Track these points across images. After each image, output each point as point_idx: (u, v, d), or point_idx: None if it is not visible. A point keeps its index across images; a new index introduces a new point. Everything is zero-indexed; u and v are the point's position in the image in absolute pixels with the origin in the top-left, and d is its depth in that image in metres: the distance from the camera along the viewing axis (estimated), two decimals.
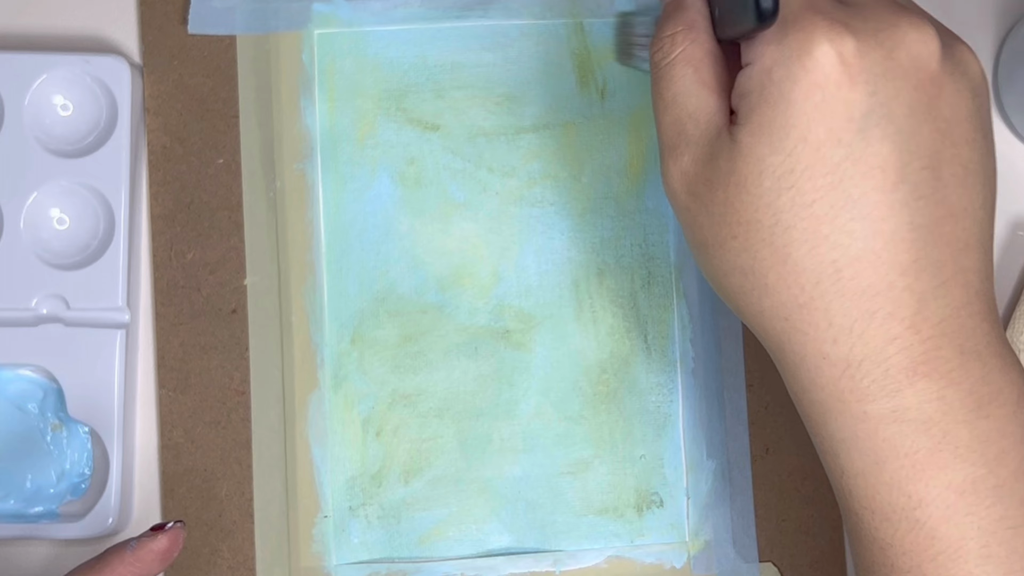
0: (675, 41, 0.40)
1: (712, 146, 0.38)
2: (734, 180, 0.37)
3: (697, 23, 0.40)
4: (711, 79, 0.39)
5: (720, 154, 0.37)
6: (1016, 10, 0.53)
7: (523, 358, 0.51)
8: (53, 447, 0.50)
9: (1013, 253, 0.52)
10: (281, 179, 0.50)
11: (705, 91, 0.39)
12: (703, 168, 0.38)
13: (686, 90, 0.39)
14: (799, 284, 0.37)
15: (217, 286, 0.50)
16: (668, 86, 0.39)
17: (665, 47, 0.40)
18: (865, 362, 0.37)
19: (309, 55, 0.51)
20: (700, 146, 0.38)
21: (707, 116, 0.39)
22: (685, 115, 0.39)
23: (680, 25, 0.40)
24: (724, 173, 0.37)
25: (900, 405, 0.37)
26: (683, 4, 0.40)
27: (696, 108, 0.39)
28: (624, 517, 0.50)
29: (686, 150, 0.39)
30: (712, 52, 0.39)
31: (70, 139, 0.50)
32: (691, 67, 0.39)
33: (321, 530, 0.50)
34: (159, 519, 0.50)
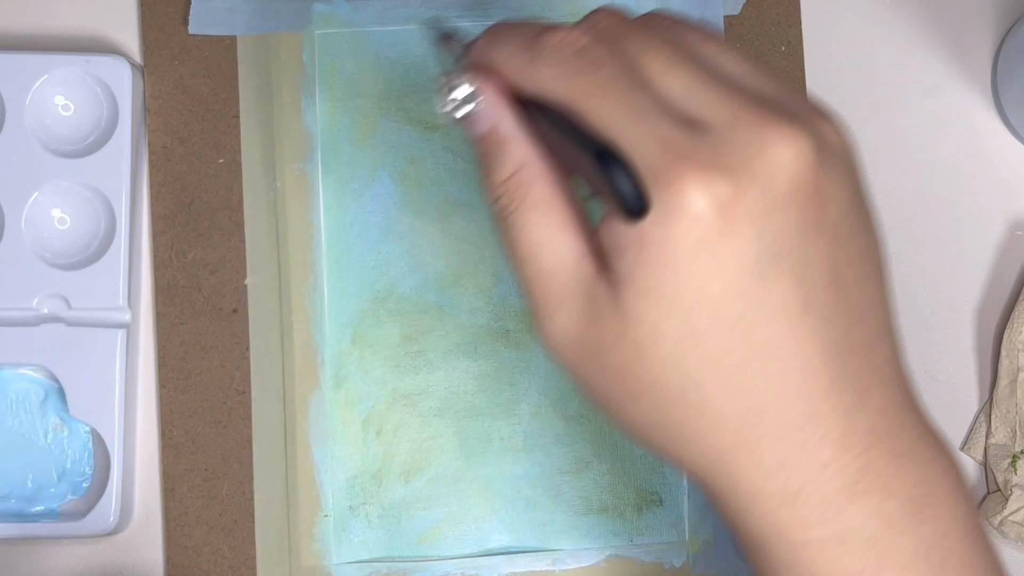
0: (513, 186, 0.35)
1: (591, 303, 0.35)
2: (629, 344, 0.34)
3: (528, 157, 0.35)
4: (565, 220, 0.35)
5: (604, 317, 0.34)
6: (1016, 10, 0.53)
7: (523, 358, 0.51)
8: (54, 447, 0.50)
9: (1013, 253, 0.52)
10: (281, 179, 0.50)
11: (562, 236, 0.35)
12: (587, 329, 0.35)
13: (540, 240, 0.35)
14: (720, 433, 0.35)
15: (217, 286, 0.50)
16: (520, 239, 0.35)
17: (503, 197, 0.35)
18: (802, 493, 0.35)
19: (310, 55, 0.51)
20: (575, 301, 0.35)
21: (572, 267, 0.35)
22: (548, 268, 0.35)
23: (512, 167, 0.35)
24: (614, 337, 0.34)
25: (842, 528, 0.35)
26: (504, 139, 0.36)
27: (558, 260, 0.35)
28: (624, 516, 0.50)
29: (560, 307, 0.35)
30: (557, 184, 0.35)
31: (71, 139, 0.50)
32: (539, 212, 0.35)
33: (321, 529, 0.50)
34: (160, 519, 0.50)
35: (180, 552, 0.50)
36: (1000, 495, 0.50)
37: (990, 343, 0.52)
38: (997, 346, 0.51)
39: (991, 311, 0.52)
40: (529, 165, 0.35)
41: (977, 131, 0.52)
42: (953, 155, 0.52)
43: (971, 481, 0.51)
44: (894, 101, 0.52)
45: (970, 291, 0.52)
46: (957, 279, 0.52)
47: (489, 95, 0.36)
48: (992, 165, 0.52)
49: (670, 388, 0.34)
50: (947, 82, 0.53)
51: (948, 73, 0.53)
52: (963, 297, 0.52)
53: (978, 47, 0.53)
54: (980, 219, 0.52)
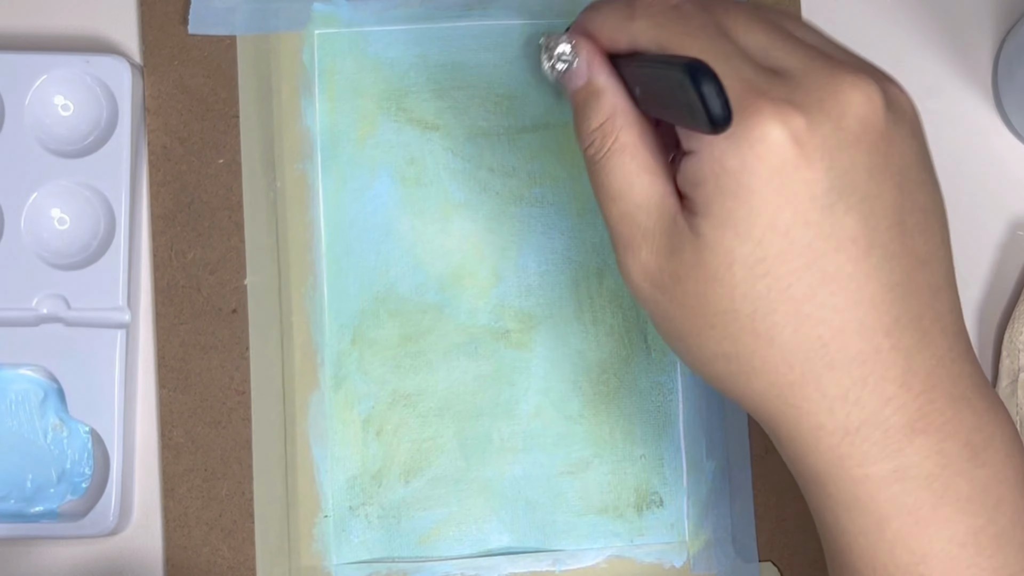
0: (604, 132, 0.39)
1: (671, 237, 0.37)
2: (703, 273, 0.36)
3: (619, 107, 0.39)
4: (652, 162, 0.38)
5: (683, 247, 0.37)
6: (1016, 10, 0.53)
7: (523, 358, 0.51)
8: (53, 447, 0.50)
9: (1013, 253, 0.52)
10: (281, 179, 0.50)
11: (648, 177, 0.38)
12: (666, 261, 0.37)
13: (629, 181, 0.38)
14: (787, 363, 0.36)
15: (217, 286, 0.50)
16: (610, 180, 0.39)
17: (596, 141, 0.39)
18: (863, 427, 0.36)
19: (309, 55, 0.51)
20: (657, 237, 0.38)
21: (657, 204, 0.38)
22: (634, 207, 0.38)
23: (604, 115, 0.39)
24: (691, 266, 0.37)
25: (901, 464, 0.37)
26: (598, 91, 0.39)
27: (644, 198, 0.38)
28: (624, 517, 0.50)
29: (643, 243, 0.38)
30: (644, 132, 0.39)
31: (71, 139, 0.50)
32: (627, 155, 0.38)
33: (321, 530, 0.50)
34: (159, 519, 0.50)
35: (179, 552, 0.50)
36: None
37: (991, 343, 0.52)
38: (998, 346, 0.51)
39: (991, 311, 0.52)
40: (619, 114, 0.39)
41: (977, 131, 0.52)
42: (953, 155, 0.52)
43: None
44: None
45: (970, 291, 0.52)
46: (957, 279, 0.52)
47: (585, 51, 0.40)
48: (992, 165, 0.52)
49: (741, 315, 0.36)
50: (947, 82, 0.53)
51: (948, 73, 0.53)
52: (963, 297, 0.52)
53: (978, 47, 0.53)
54: (980, 219, 0.52)
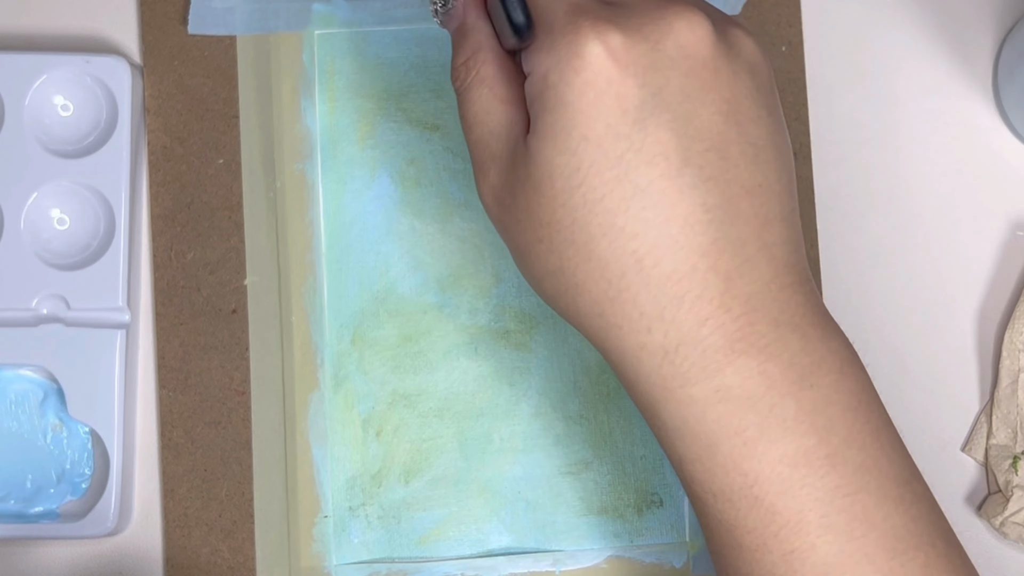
0: (468, 66, 0.41)
1: (513, 156, 0.39)
2: (531, 184, 0.38)
3: (483, 44, 0.41)
4: (506, 94, 0.40)
5: (519, 163, 0.39)
6: (1016, 10, 0.53)
7: (523, 358, 0.51)
8: (53, 447, 0.50)
9: (1013, 253, 0.52)
10: (281, 179, 0.50)
11: (501, 106, 0.40)
12: (507, 178, 0.39)
13: (484, 108, 0.40)
14: (606, 278, 0.37)
15: (217, 286, 0.50)
16: (469, 108, 0.40)
17: (460, 75, 0.41)
18: (682, 347, 0.37)
19: (309, 55, 0.51)
20: (503, 158, 0.39)
21: (506, 130, 0.40)
22: (487, 132, 0.40)
23: (469, 51, 0.41)
24: (522, 179, 0.38)
25: (723, 384, 0.37)
26: (466, 29, 0.41)
27: (496, 124, 0.40)
28: (624, 517, 0.50)
29: (492, 165, 0.40)
30: (503, 67, 0.40)
31: (70, 139, 0.50)
32: (485, 87, 0.40)
33: (321, 530, 0.50)
34: (159, 519, 0.50)
35: (179, 553, 0.49)
36: (1001, 496, 0.50)
37: (991, 343, 0.52)
38: (998, 346, 0.51)
39: (992, 311, 0.52)
40: (482, 50, 0.40)
41: (978, 131, 0.52)
42: (953, 155, 0.52)
43: (972, 482, 0.51)
44: (894, 101, 0.52)
45: (971, 291, 0.52)
46: (957, 279, 0.52)
47: None
48: (993, 165, 0.52)
49: (562, 227, 0.38)
50: (947, 82, 0.53)
51: (948, 73, 0.53)
52: (964, 297, 0.52)
53: (978, 47, 0.53)
54: (981, 219, 0.52)
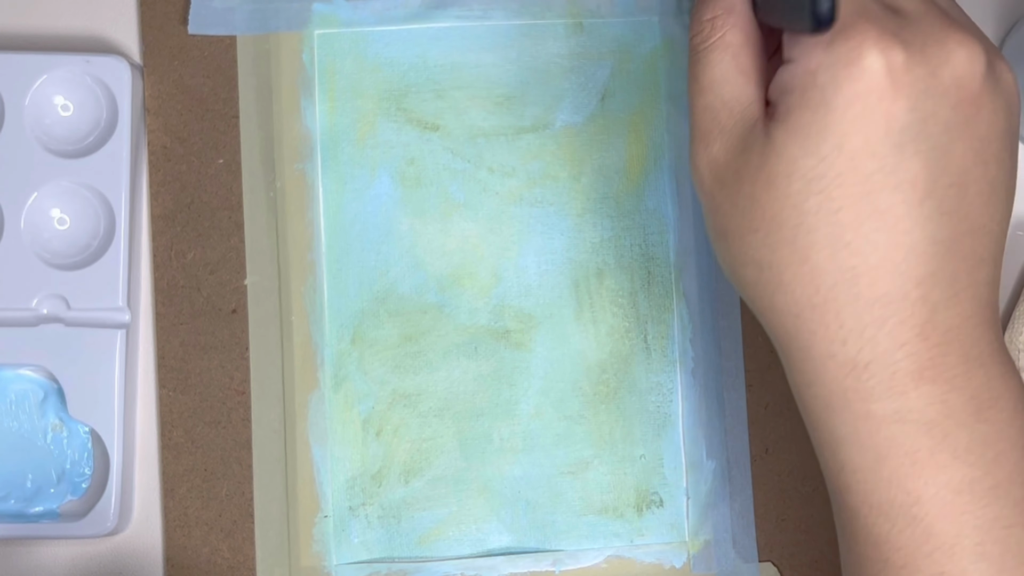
0: (714, 26, 0.39)
1: (745, 138, 0.38)
2: (763, 176, 0.37)
3: (736, 7, 0.39)
4: (750, 67, 0.39)
5: (752, 147, 0.38)
6: (1016, 10, 0.53)
7: (523, 358, 0.51)
8: (53, 447, 0.50)
9: (1013, 253, 0.52)
10: (281, 179, 0.50)
11: (743, 79, 0.39)
12: (733, 158, 0.38)
13: (723, 77, 0.39)
14: (815, 285, 0.37)
15: (217, 286, 0.50)
16: (705, 71, 0.39)
17: (704, 31, 0.39)
18: (872, 365, 0.37)
19: (309, 55, 0.51)
20: (732, 136, 0.38)
21: (743, 106, 0.39)
22: (720, 103, 0.39)
23: (720, 9, 0.39)
24: (754, 167, 0.37)
25: (904, 407, 0.37)
26: None
27: (732, 97, 0.39)
28: (624, 517, 0.50)
29: (718, 138, 0.39)
30: (752, 38, 0.39)
31: (70, 139, 0.50)
32: (729, 53, 0.39)
33: (321, 530, 0.50)
34: (159, 519, 0.50)
35: (179, 553, 0.50)
36: None
37: None
38: None
39: None
40: (733, 13, 0.39)
41: None
42: None
43: None
44: None
45: None
46: None
47: None
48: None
49: (784, 226, 0.37)
50: None
51: None
52: None
53: None
54: None
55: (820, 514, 0.50)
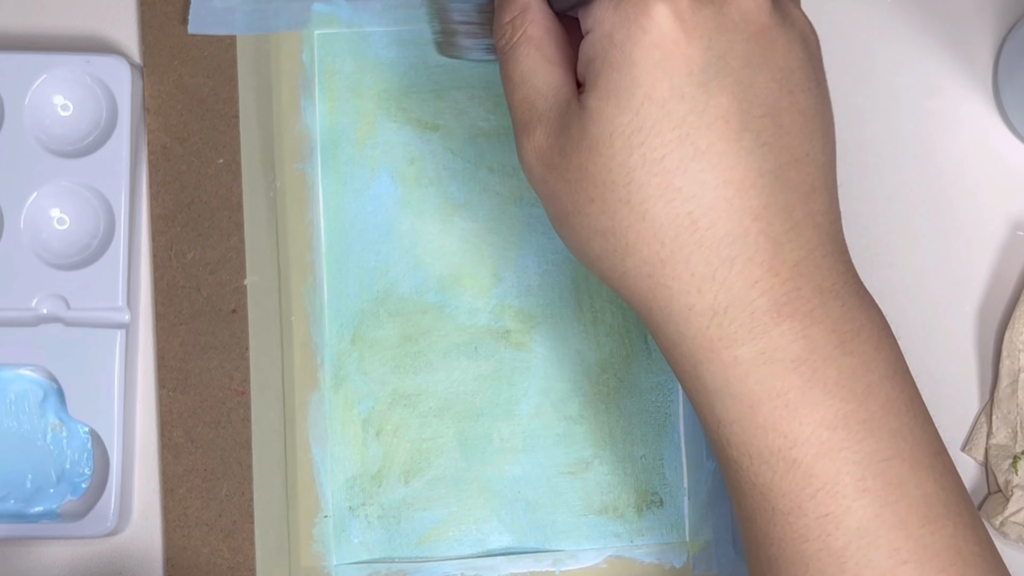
0: (514, 25, 0.41)
1: (563, 116, 0.39)
2: (586, 144, 0.38)
3: (531, 4, 0.41)
4: (554, 54, 0.40)
5: (571, 122, 0.39)
6: (1016, 10, 0.53)
7: (523, 358, 0.51)
8: (53, 447, 0.50)
9: (1013, 253, 0.52)
10: (281, 179, 0.50)
11: (550, 67, 0.40)
12: (556, 139, 0.39)
13: (531, 69, 0.40)
14: (659, 239, 0.38)
15: (217, 286, 0.50)
16: (515, 67, 0.41)
17: (507, 33, 0.41)
18: (731, 308, 0.38)
19: (309, 55, 0.51)
20: (551, 119, 0.39)
21: (555, 90, 0.40)
22: (534, 92, 0.40)
23: (516, 10, 0.41)
24: (576, 139, 0.38)
25: (768, 346, 0.38)
26: None
27: (543, 84, 0.40)
28: (624, 517, 0.50)
29: (538, 125, 0.40)
30: (551, 28, 0.41)
31: (70, 139, 0.50)
32: (533, 46, 0.40)
33: (321, 530, 0.50)
34: (159, 519, 0.50)
35: (179, 553, 0.49)
36: (1001, 496, 0.50)
37: (991, 343, 0.52)
38: (998, 346, 0.51)
39: (992, 311, 0.52)
40: (529, 10, 0.41)
41: (978, 131, 0.52)
42: (954, 155, 0.52)
43: (972, 482, 0.51)
44: (894, 101, 0.52)
45: (971, 291, 0.52)
46: (958, 279, 0.52)
47: None
48: (993, 165, 0.52)
49: (617, 187, 0.38)
50: (947, 82, 0.52)
51: (948, 73, 0.53)
52: (963, 297, 0.52)
53: (978, 47, 0.53)
54: (981, 219, 0.52)
55: None
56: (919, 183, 0.52)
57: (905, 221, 0.52)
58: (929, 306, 0.52)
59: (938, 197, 0.52)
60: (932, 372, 0.51)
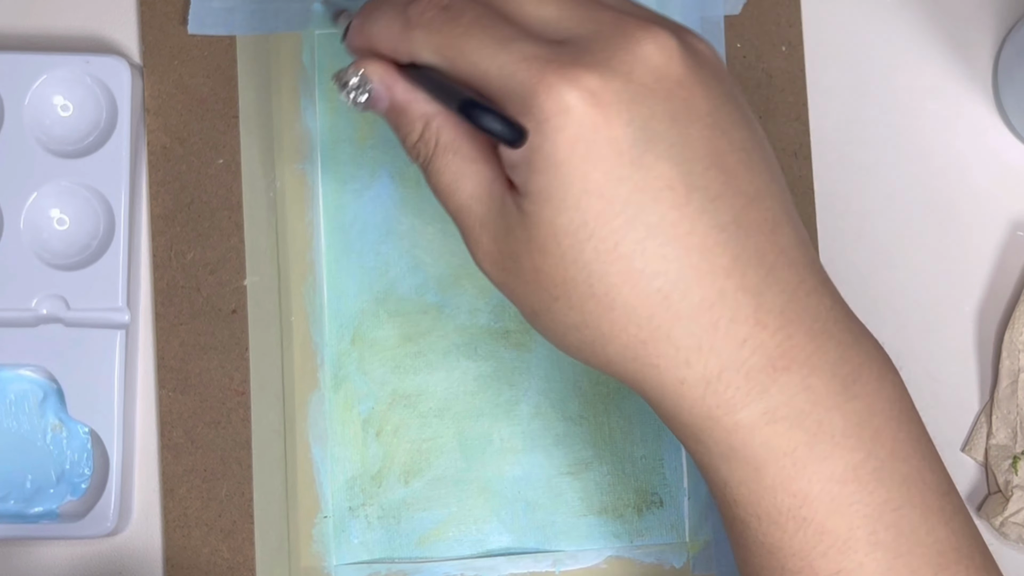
0: (424, 141, 0.39)
1: (504, 219, 0.37)
2: (535, 247, 0.36)
3: (428, 113, 0.39)
4: (474, 153, 0.38)
5: (514, 227, 0.37)
6: (1016, 10, 0.53)
7: (523, 358, 0.51)
8: (53, 447, 0.50)
9: (1013, 253, 0.52)
10: (281, 179, 0.50)
11: (474, 167, 0.38)
12: (504, 243, 0.37)
13: (456, 175, 0.38)
14: (634, 323, 0.36)
15: (217, 286, 0.50)
16: (440, 180, 0.39)
17: (419, 151, 0.39)
18: (724, 373, 0.36)
19: (309, 55, 0.51)
20: (492, 223, 0.38)
21: (487, 191, 0.38)
22: (467, 198, 0.38)
23: (418, 127, 0.39)
24: (523, 243, 0.37)
25: (769, 406, 0.36)
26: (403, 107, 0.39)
27: (474, 187, 0.38)
28: (624, 517, 0.50)
29: (482, 231, 0.38)
30: (459, 128, 0.38)
31: (70, 139, 0.50)
32: (450, 152, 0.38)
33: (321, 530, 0.50)
34: (159, 519, 0.50)
35: (179, 553, 0.49)
36: (1001, 496, 0.50)
37: (991, 343, 0.52)
38: (998, 346, 0.51)
39: (992, 311, 0.52)
40: (431, 120, 0.39)
41: (978, 131, 0.52)
42: (954, 155, 0.52)
43: (972, 482, 0.51)
44: (894, 101, 0.52)
45: (971, 291, 0.52)
46: (957, 279, 0.52)
47: (376, 75, 0.39)
48: (993, 165, 0.52)
49: (579, 283, 0.36)
50: (947, 82, 0.53)
51: (948, 73, 0.53)
52: (963, 297, 0.52)
53: (978, 47, 0.53)
54: (981, 219, 0.52)
55: None
56: (919, 183, 0.52)
57: (905, 221, 0.52)
58: (929, 306, 0.52)
59: (938, 197, 0.52)
60: (932, 372, 0.51)
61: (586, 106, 0.34)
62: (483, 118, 0.35)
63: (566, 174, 0.35)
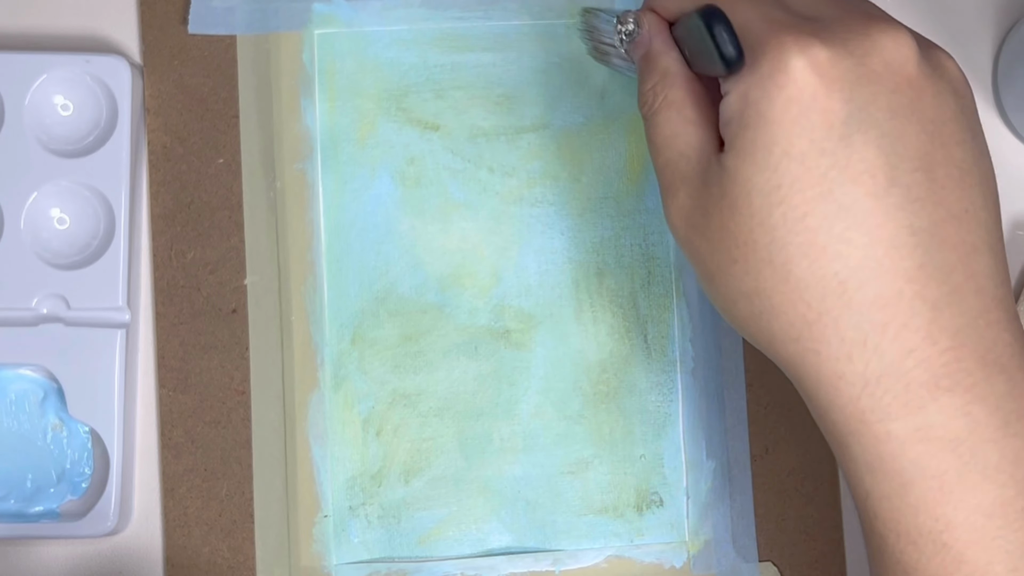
0: (655, 92, 0.41)
1: (705, 177, 0.38)
2: (726, 203, 0.37)
3: (671, 69, 0.41)
4: (695, 115, 0.40)
5: (712, 182, 0.38)
6: (1016, 10, 0.53)
7: (523, 358, 0.51)
8: (53, 447, 0.50)
9: (1013, 253, 0.52)
10: (281, 179, 0.50)
11: (691, 128, 0.40)
12: (699, 200, 0.38)
13: (673, 132, 0.40)
14: (804, 300, 0.36)
15: (217, 286, 0.50)
16: (657, 132, 0.40)
17: (648, 99, 0.41)
18: (884, 378, 0.36)
19: (309, 55, 0.51)
20: (694, 180, 0.39)
21: (697, 151, 0.39)
22: (676, 155, 0.40)
23: (657, 76, 0.41)
24: (716, 199, 0.37)
25: (925, 423, 0.35)
26: (653, 55, 0.42)
27: (686, 145, 0.39)
28: (624, 517, 0.50)
29: (681, 186, 0.39)
30: (692, 90, 0.40)
31: (70, 139, 0.50)
32: (674, 110, 0.40)
33: (321, 530, 0.50)
34: (159, 519, 0.50)
35: (179, 552, 0.50)
36: None
37: None
38: None
39: None
40: (670, 75, 0.41)
41: None
42: None
43: None
44: None
45: None
46: None
47: (646, 22, 0.43)
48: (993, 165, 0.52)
49: (759, 247, 0.36)
50: None
51: None
52: None
53: (978, 47, 0.53)
54: None
55: (820, 514, 0.50)
56: None
57: None
58: None
59: None
60: None
61: (810, 74, 0.35)
62: (718, 25, 0.36)
63: (773, 133, 0.36)
